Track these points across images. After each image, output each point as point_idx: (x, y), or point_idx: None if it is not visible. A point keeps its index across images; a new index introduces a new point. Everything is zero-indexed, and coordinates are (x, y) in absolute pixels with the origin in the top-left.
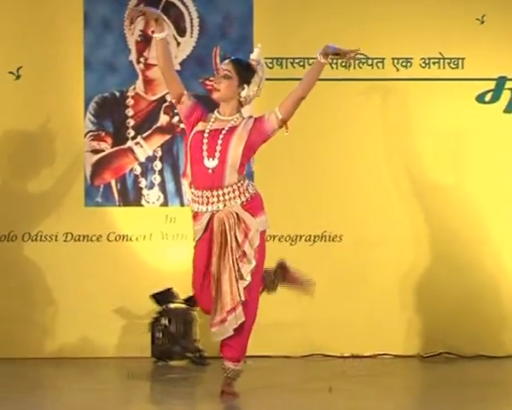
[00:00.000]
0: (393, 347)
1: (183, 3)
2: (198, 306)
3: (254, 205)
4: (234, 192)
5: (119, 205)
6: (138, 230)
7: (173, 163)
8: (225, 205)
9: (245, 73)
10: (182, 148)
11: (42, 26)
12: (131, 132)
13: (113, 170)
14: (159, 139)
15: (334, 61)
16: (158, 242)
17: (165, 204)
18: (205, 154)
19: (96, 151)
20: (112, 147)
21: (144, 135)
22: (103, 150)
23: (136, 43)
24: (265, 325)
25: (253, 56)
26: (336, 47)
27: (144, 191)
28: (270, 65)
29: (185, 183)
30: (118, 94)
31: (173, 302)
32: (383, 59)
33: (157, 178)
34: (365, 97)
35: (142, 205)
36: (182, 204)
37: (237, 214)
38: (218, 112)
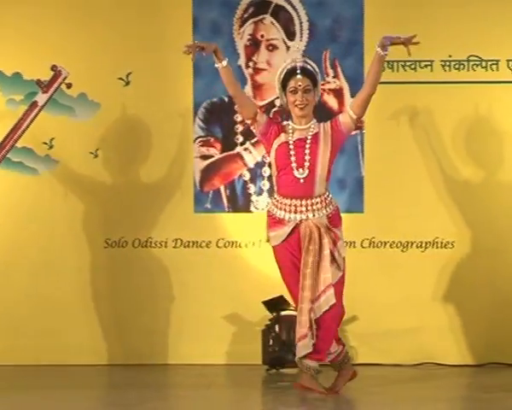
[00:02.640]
0: (509, 356)
1: (293, 7)
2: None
3: (337, 217)
4: (321, 203)
5: (229, 211)
6: (247, 236)
7: None
8: (314, 215)
9: (315, 78)
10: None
11: (151, 31)
12: (240, 138)
13: (223, 176)
14: None
15: (447, 63)
16: (267, 248)
17: None
18: (294, 165)
19: (205, 157)
20: (221, 153)
21: (253, 140)
22: (212, 156)
23: (245, 48)
24: (378, 334)
25: (299, 46)
26: (393, 36)
27: (253, 197)
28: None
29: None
30: (226, 99)
31: (285, 309)
32: (497, 61)
33: (266, 185)
34: (479, 100)
35: (251, 211)
36: None
37: (326, 225)
38: (293, 123)
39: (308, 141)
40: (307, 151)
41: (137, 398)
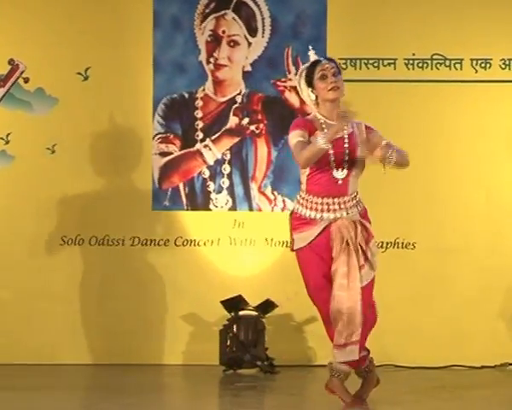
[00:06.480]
0: (470, 358)
1: (255, 3)
2: (320, 312)
3: (367, 216)
4: (353, 201)
5: (187, 209)
6: (206, 234)
7: (242, 166)
8: (348, 213)
9: (339, 68)
10: (251, 151)
11: (110, 25)
12: (200, 135)
13: (182, 173)
14: (228, 142)
15: (411, 61)
16: (226, 247)
17: (233, 208)
18: (332, 164)
19: (164, 154)
20: (180, 150)
21: (213, 137)
22: (171, 153)
23: (206, 43)
24: None
25: (313, 58)
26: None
27: (212, 195)
28: (344, 66)
29: (254, 187)
30: (187, 95)
31: (243, 309)
32: (461, 60)
33: (225, 182)
34: (442, 100)
35: (210, 209)
36: (250, 208)
37: (360, 222)
38: (323, 116)
39: (346, 140)
40: (346, 151)
41: (91, 398)
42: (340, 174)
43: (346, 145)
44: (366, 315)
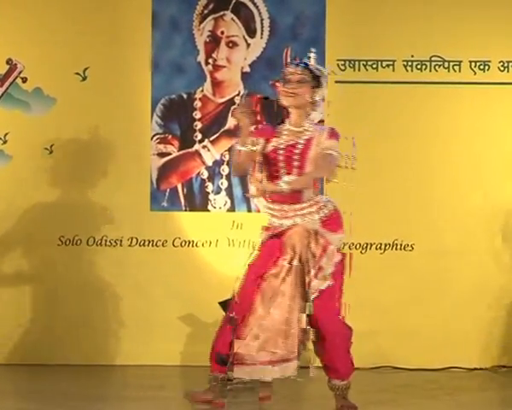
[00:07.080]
0: (466, 360)
1: (254, 4)
2: (234, 306)
3: (333, 221)
4: (311, 207)
5: (186, 210)
6: (204, 235)
7: None
8: (304, 219)
9: (316, 75)
10: None
11: (109, 26)
12: (199, 136)
13: (180, 174)
14: (226, 143)
15: (409, 63)
16: (224, 248)
17: (231, 209)
18: (283, 171)
19: (162, 154)
20: (179, 150)
21: (212, 138)
22: (170, 154)
23: (205, 44)
24: None
25: (313, 62)
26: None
27: (211, 196)
28: (343, 67)
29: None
30: (185, 96)
31: None
32: (460, 62)
33: (224, 183)
34: (441, 102)
35: (208, 210)
36: (249, 210)
37: (316, 229)
38: (288, 123)
39: (299, 146)
40: (296, 157)
41: (89, 399)
42: (289, 180)
43: (298, 151)
44: (333, 330)
